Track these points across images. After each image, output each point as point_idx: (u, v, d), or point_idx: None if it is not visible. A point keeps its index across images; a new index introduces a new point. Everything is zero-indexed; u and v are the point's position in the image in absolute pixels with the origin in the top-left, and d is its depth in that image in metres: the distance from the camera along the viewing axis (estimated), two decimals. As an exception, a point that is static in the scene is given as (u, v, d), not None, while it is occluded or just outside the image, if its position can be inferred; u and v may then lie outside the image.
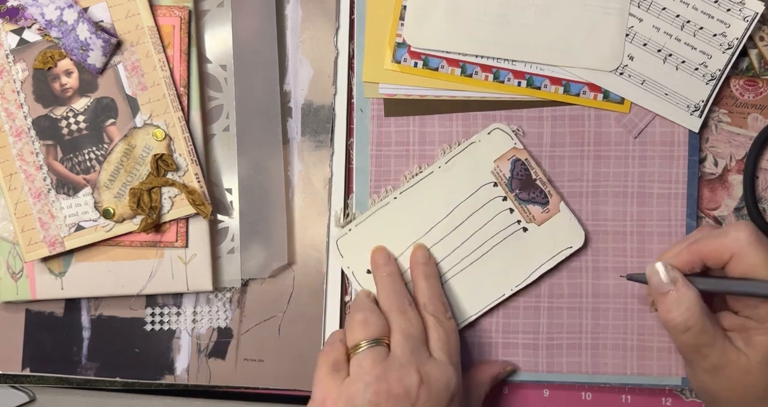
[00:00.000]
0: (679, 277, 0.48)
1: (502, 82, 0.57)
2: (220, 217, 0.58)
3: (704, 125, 0.58)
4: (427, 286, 0.54)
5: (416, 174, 0.57)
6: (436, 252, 0.57)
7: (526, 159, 0.56)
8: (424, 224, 0.57)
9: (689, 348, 0.48)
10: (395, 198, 0.57)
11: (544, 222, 0.57)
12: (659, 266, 0.48)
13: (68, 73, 0.55)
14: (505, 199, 0.57)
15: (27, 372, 0.58)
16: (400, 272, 0.56)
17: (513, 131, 0.57)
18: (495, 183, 0.56)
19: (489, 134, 0.57)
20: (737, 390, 0.48)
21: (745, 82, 0.58)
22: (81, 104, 0.55)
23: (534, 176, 0.56)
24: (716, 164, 0.58)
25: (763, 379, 0.47)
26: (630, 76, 0.57)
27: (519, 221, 0.57)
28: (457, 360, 0.52)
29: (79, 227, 0.55)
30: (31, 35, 0.55)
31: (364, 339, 0.50)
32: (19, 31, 0.55)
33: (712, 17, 0.57)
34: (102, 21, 0.55)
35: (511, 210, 0.57)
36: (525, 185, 0.56)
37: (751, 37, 0.57)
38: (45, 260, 0.56)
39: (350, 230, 0.57)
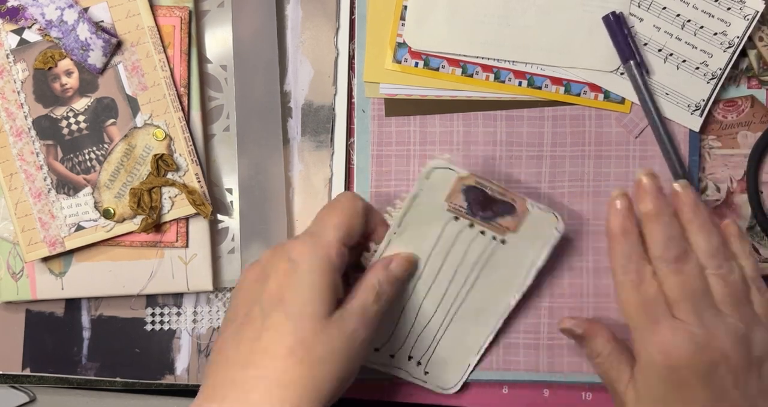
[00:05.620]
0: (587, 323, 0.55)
1: (503, 82, 0.57)
2: (220, 217, 0.58)
3: (699, 155, 0.58)
4: None
5: (378, 242, 0.54)
6: (427, 305, 0.55)
7: (475, 182, 0.53)
8: (404, 285, 0.55)
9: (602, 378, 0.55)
10: None
11: (520, 226, 0.54)
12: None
13: (68, 73, 0.55)
14: (472, 225, 0.54)
15: (27, 372, 0.58)
16: None
17: (447, 160, 0.53)
18: (456, 217, 0.54)
19: (428, 178, 0.53)
20: None
21: (724, 104, 0.58)
22: (81, 104, 0.55)
23: (490, 193, 0.53)
24: (718, 190, 0.58)
25: None
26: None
27: (494, 237, 0.54)
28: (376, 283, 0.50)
29: (80, 227, 0.55)
30: (31, 35, 0.55)
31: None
32: (19, 31, 0.55)
33: (713, 16, 0.57)
34: (102, 21, 0.55)
35: (483, 232, 0.54)
36: (485, 205, 0.53)
37: (750, 38, 0.57)
38: (45, 260, 0.56)
39: None
